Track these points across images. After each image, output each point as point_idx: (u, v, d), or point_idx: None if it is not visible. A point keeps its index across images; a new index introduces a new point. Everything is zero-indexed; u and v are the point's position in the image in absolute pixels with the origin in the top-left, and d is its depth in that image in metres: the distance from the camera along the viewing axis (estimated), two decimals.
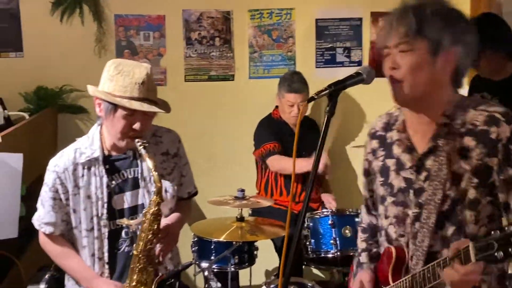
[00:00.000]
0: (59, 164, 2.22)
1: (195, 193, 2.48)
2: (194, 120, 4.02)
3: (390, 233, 1.76)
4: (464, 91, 3.07)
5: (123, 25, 3.94)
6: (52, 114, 3.84)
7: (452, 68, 1.62)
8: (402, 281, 1.68)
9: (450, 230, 1.63)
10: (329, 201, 3.69)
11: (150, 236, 2.10)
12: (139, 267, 2.12)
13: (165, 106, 2.23)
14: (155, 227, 2.10)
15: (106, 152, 2.25)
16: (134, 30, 3.95)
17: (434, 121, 1.64)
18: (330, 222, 3.21)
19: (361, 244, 1.95)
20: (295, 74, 3.78)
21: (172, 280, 2.12)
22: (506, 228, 1.35)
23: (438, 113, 1.64)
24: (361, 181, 3.93)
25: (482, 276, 1.57)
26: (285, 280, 1.54)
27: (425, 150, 1.65)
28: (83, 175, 2.21)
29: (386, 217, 1.77)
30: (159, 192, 2.09)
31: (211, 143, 4.05)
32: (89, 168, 2.21)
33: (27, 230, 2.99)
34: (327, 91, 1.55)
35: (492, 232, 1.38)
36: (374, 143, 1.84)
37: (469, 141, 1.59)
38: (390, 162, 1.75)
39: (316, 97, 1.55)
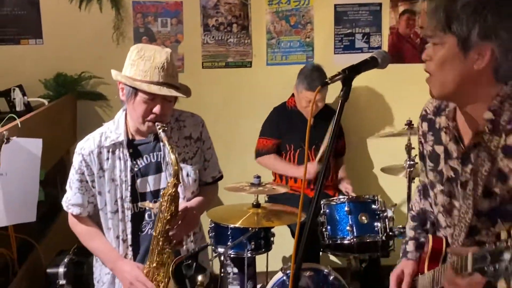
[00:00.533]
0: (85, 147, 2.27)
1: (220, 178, 2.50)
2: (211, 107, 4.03)
3: (440, 221, 1.74)
4: None
5: (141, 12, 3.95)
6: (71, 101, 3.88)
7: (489, 64, 1.51)
8: (431, 272, 1.67)
9: (503, 227, 1.57)
10: (345, 186, 3.68)
11: (168, 218, 2.13)
12: (158, 248, 2.16)
13: (185, 91, 2.25)
14: (173, 208, 2.13)
15: (130, 136, 2.30)
16: (151, 16, 3.96)
17: (479, 114, 1.57)
18: (346, 208, 3.20)
19: (409, 232, 1.93)
20: (315, 71, 3.69)
21: (190, 261, 2.13)
22: (498, 243, 1.29)
23: (482, 107, 1.56)
24: (377, 170, 3.96)
25: None
26: (297, 265, 1.54)
27: (470, 144, 1.60)
28: (108, 158, 2.26)
29: (436, 204, 1.74)
30: (176, 174, 2.12)
31: (228, 130, 4.06)
32: (113, 152, 2.26)
33: (47, 215, 3.05)
34: (341, 76, 1.53)
35: (487, 244, 1.32)
36: (424, 126, 1.79)
37: None
38: (440, 149, 1.71)
39: (330, 82, 1.53)
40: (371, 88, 4.08)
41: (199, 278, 2.11)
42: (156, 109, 2.16)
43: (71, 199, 2.32)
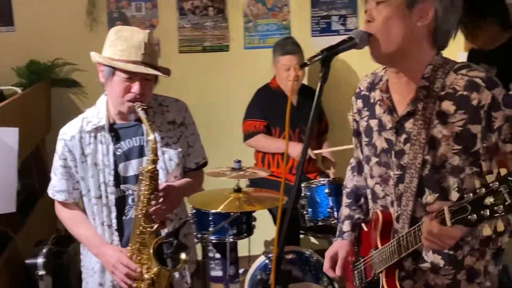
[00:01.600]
0: (67, 132, 2.26)
1: (204, 164, 2.48)
2: (189, 91, 3.98)
3: (377, 191, 1.76)
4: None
5: None
6: (45, 88, 3.81)
7: (430, 23, 1.56)
8: (389, 244, 1.67)
9: (432, 197, 1.60)
10: (328, 167, 3.68)
11: (148, 196, 2.12)
12: (140, 228, 2.15)
13: (164, 70, 2.23)
14: (152, 186, 2.12)
15: (112, 121, 2.28)
16: (125, 1, 3.90)
17: (413, 82, 1.61)
18: (326, 191, 3.20)
19: (344, 210, 1.95)
20: (287, 38, 3.79)
21: (170, 238, 2.12)
22: (478, 190, 1.32)
23: (417, 74, 1.60)
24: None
25: (466, 238, 1.57)
26: (279, 249, 1.53)
27: (404, 112, 1.63)
28: (90, 143, 2.24)
29: (372, 176, 1.76)
30: (154, 151, 2.11)
31: (207, 115, 4.02)
32: (95, 136, 2.24)
33: (24, 205, 3.00)
34: (320, 56, 1.51)
35: (465, 196, 1.35)
36: (359, 103, 1.82)
37: (448, 106, 1.55)
38: (373, 123, 1.74)
39: (309, 62, 1.51)
40: (350, 66, 4.06)
41: (182, 256, 2.10)
42: (135, 88, 2.14)
43: (56, 185, 2.31)
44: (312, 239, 4.05)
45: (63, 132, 2.27)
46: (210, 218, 3.14)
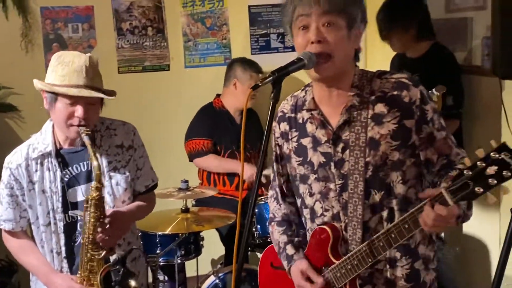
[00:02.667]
0: (12, 160, 2.23)
1: (154, 186, 2.46)
2: (130, 112, 3.91)
3: (316, 209, 1.79)
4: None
5: (50, 18, 3.80)
6: None
7: (359, 43, 1.72)
8: (354, 254, 1.69)
9: (378, 196, 1.69)
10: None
11: (94, 223, 2.10)
12: (88, 255, 2.12)
13: (109, 93, 2.22)
14: (98, 213, 2.10)
15: (59, 146, 2.26)
16: (61, 22, 3.82)
17: (344, 93, 1.71)
18: None
19: (281, 238, 1.90)
20: (244, 59, 3.78)
21: (117, 266, 2.10)
22: (479, 163, 1.42)
23: (347, 85, 1.71)
24: None
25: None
26: (238, 267, 1.54)
27: (340, 122, 1.71)
28: (36, 170, 2.22)
29: (311, 194, 1.79)
30: (98, 178, 2.10)
31: (150, 135, 3.94)
32: (42, 163, 2.23)
33: None
34: (271, 78, 1.56)
35: (465, 172, 1.44)
36: (284, 126, 1.85)
37: (381, 108, 1.68)
38: (306, 141, 1.78)
39: (260, 84, 1.56)
40: (300, 81, 4.12)
41: (132, 283, 2.09)
42: (79, 112, 2.12)
43: (2, 214, 2.27)
44: (260, 256, 4.06)
45: (8, 160, 2.24)
46: (157, 240, 3.11)
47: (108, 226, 2.12)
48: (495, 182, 1.41)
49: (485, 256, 3.26)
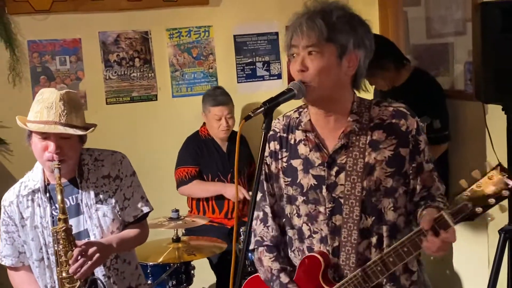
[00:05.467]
0: (6, 198, 2.31)
1: (144, 216, 2.43)
2: (119, 143, 3.92)
3: (304, 231, 1.80)
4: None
5: (38, 51, 3.82)
6: None
7: (355, 69, 1.73)
8: (351, 278, 1.69)
9: (369, 220, 1.72)
10: None
11: (65, 254, 2.10)
12: None
13: (84, 128, 2.23)
14: (68, 244, 2.11)
15: (47, 182, 2.29)
16: (49, 55, 3.84)
17: (342, 118, 1.74)
18: None
19: (274, 265, 1.84)
20: (217, 88, 3.89)
21: None
22: (475, 185, 1.50)
23: (344, 111, 1.74)
24: None
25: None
26: None
27: (337, 146, 1.74)
28: (28, 206, 2.27)
29: (299, 215, 1.80)
30: (61, 210, 2.12)
31: (138, 165, 3.89)
32: (32, 199, 2.28)
33: None
34: (263, 108, 1.60)
35: (463, 195, 1.51)
36: (275, 145, 1.86)
37: (379, 134, 1.72)
38: (297, 163, 1.80)
39: (252, 115, 1.59)
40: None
41: None
42: (50, 147, 2.15)
43: (2, 250, 2.33)
44: None
45: (3, 198, 2.32)
46: (148, 271, 3.09)
47: (79, 257, 2.07)
48: (494, 201, 1.48)
49: (474, 276, 3.28)
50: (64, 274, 2.12)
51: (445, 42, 3.72)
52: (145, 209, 2.41)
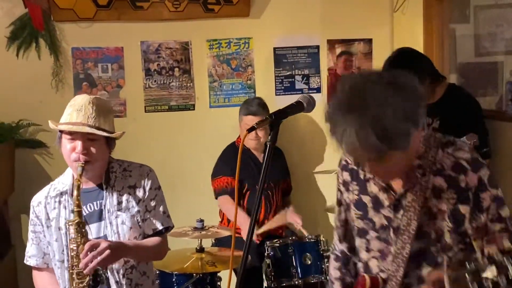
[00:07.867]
0: (35, 199, 2.38)
1: (163, 231, 2.39)
2: (155, 150, 4.00)
3: (371, 266, 1.75)
4: None
5: (81, 58, 3.93)
6: (9, 149, 3.77)
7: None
8: None
9: (426, 270, 1.64)
10: (295, 220, 3.66)
11: (76, 248, 2.14)
12: (74, 285, 2.14)
13: (108, 131, 2.26)
14: (79, 239, 2.14)
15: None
16: (92, 62, 3.94)
17: (410, 160, 1.62)
18: (290, 250, 3.19)
19: (334, 272, 1.93)
20: (255, 98, 3.89)
21: None
22: (480, 261, 1.38)
23: (412, 154, 1.62)
24: (323, 207, 4.00)
25: None
26: None
27: (401, 191, 1.66)
28: (54, 208, 2.32)
29: (368, 250, 1.76)
30: (76, 201, 2.15)
31: (173, 173, 4.02)
32: (59, 201, 2.33)
33: None
34: (267, 120, 1.56)
35: (468, 266, 1.39)
36: (346, 175, 1.81)
37: (441, 181, 1.62)
38: (366, 199, 1.74)
39: (256, 126, 1.57)
40: (316, 124, 4.13)
41: None
42: (78, 148, 2.20)
43: (28, 250, 2.38)
44: None
45: (33, 198, 2.39)
46: (173, 279, 3.10)
47: (89, 252, 2.08)
48: (490, 286, 1.35)
49: None
50: (74, 269, 2.15)
51: (494, 60, 3.58)
52: (166, 224, 2.39)
